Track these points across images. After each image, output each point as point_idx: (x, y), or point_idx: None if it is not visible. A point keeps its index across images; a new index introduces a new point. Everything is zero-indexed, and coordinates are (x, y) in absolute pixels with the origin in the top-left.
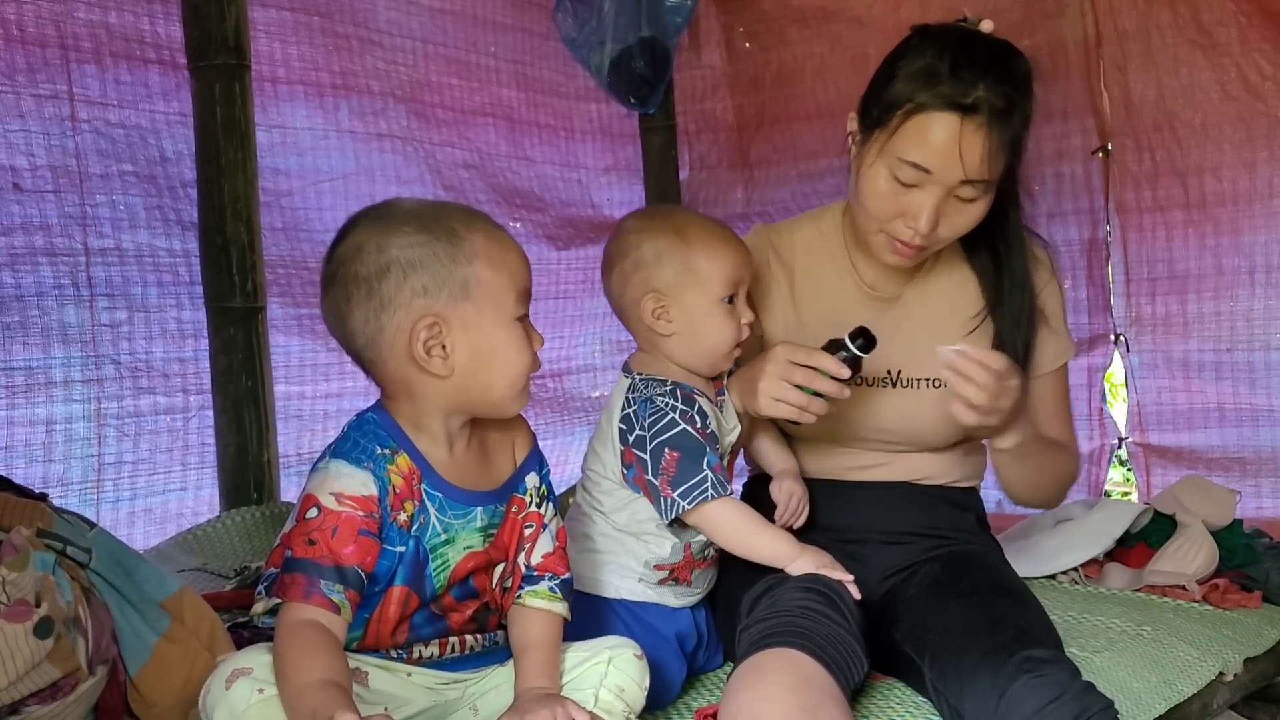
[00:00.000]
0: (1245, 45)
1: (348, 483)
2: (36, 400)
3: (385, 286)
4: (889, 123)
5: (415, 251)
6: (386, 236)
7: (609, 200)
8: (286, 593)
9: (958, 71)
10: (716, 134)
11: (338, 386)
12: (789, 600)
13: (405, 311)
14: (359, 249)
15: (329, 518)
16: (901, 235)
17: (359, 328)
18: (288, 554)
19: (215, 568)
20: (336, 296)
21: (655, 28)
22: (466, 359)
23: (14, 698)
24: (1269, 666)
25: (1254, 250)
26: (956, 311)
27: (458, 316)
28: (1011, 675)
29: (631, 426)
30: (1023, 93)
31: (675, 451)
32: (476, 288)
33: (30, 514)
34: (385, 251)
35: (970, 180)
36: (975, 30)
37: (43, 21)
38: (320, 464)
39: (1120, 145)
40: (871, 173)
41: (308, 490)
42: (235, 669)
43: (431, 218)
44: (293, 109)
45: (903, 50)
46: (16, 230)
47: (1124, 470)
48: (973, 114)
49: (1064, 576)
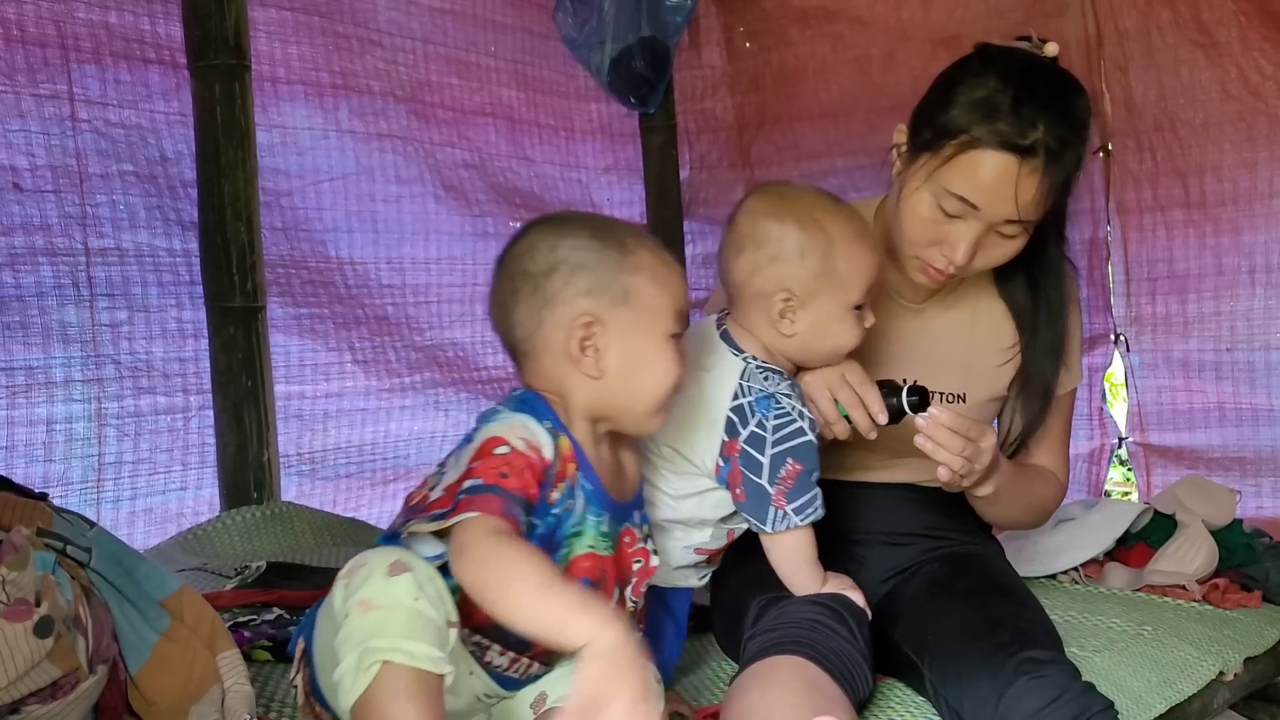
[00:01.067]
0: (1246, 45)
1: (534, 435)
2: (37, 400)
3: (551, 283)
4: (941, 150)
5: (584, 254)
6: (559, 237)
7: (609, 200)
8: (483, 506)
9: (1019, 108)
10: (717, 134)
11: (338, 386)
12: (798, 612)
13: (566, 308)
14: (532, 247)
15: (518, 457)
16: (936, 262)
17: (520, 320)
18: (474, 481)
19: (215, 567)
20: (504, 290)
21: (655, 27)
22: (618, 364)
23: (14, 697)
24: (1269, 666)
25: (1254, 250)
26: (976, 329)
27: (615, 321)
28: (1011, 676)
29: (746, 421)
30: (1079, 132)
31: (799, 464)
32: (637, 297)
33: (30, 513)
34: (556, 251)
35: (1017, 220)
36: (1039, 57)
37: (43, 21)
38: (499, 413)
39: (1121, 145)
40: (916, 198)
41: (490, 433)
42: (397, 560)
43: (605, 227)
44: (293, 109)
45: (962, 72)
46: (17, 230)
47: (1124, 470)
48: (1030, 156)
49: (1064, 576)
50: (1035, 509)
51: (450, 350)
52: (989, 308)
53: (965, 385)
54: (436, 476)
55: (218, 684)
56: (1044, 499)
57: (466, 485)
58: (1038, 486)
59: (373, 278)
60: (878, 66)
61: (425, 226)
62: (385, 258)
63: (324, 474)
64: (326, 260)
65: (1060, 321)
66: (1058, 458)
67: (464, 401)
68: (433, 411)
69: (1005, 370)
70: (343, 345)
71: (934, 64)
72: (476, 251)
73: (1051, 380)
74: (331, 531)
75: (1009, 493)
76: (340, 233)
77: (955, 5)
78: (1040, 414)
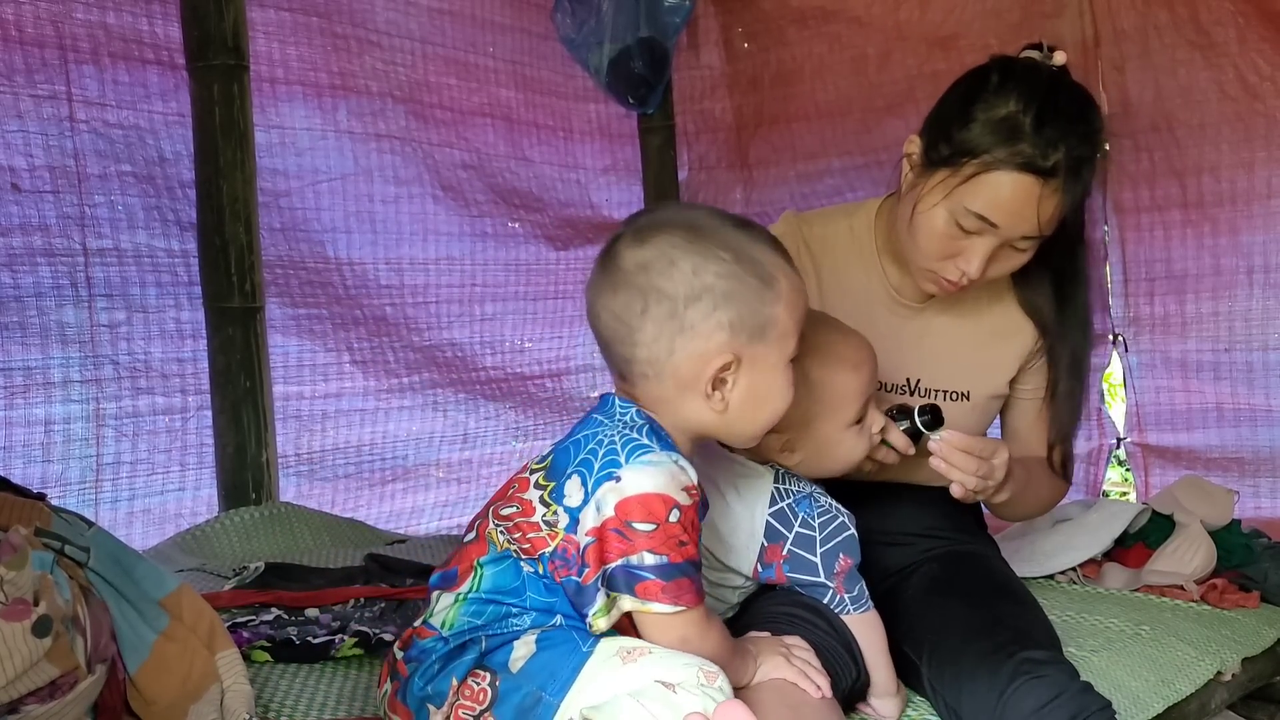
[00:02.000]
0: (1243, 46)
1: (688, 475)
2: (35, 401)
3: (692, 312)
4: (960, 168)
5: (731, 284)
6: (704, 260)
7: (608, 201)
8: (684, 598)
9: (1041, 130)
10: (715, 134)
11: (336, 387)
12: (773, 610)
13: (704, 342)
14: (671, 264)
15: (687, 514)
16: (949, 275)
17: (647, 341)
18: (659, 560)
19: (214, 568)
20: (630, 302)
21: (654, 28)
22: (743, 398)
23: (12, 696)
24: (1267, 666)
25: (1252, 250)
26: (979, 328)
27: (751, 356)
28: (1009, 676)
29: (789, 524)
30: (1098, 148)
31: (849, 559)
32: (773, 330)
33: (28, 513)
34: (700, 276)
35: (1035, 235)
36: (1058, 73)
37: (41, 22)
38: (644, 449)
39: (1118, 145)
40: (932, 214)
41: (653, 489)
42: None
43: (746, 248)
44: (291, 109)
45: (980, 87)
46: (15, 231)
47: (1122, 470)
48: (1052, 177)
49: (1062, 576)
50: (1044, 500)
51: (449, 351)
52: (997, 307)
53: (968, 383)
54: (549, 507)
55: (217, 683)
56: (1053, 490)
57: (650, 563)
58: (1044, 481)
59: (371, 278)
60: (874, 67)
61: (424, 227)
62: (384, 258)
63: (322, 474)
64: (325, 261)
65: (1087, 324)
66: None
67: (462, 402)
68: (431, 412)
69: (1010, 368)
70: (341, 346)
71: (930, 64)
72: (475, 252)
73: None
74: (330, 532)
75: (1022, 495)
76: (339, 233)
77: (952, 6)
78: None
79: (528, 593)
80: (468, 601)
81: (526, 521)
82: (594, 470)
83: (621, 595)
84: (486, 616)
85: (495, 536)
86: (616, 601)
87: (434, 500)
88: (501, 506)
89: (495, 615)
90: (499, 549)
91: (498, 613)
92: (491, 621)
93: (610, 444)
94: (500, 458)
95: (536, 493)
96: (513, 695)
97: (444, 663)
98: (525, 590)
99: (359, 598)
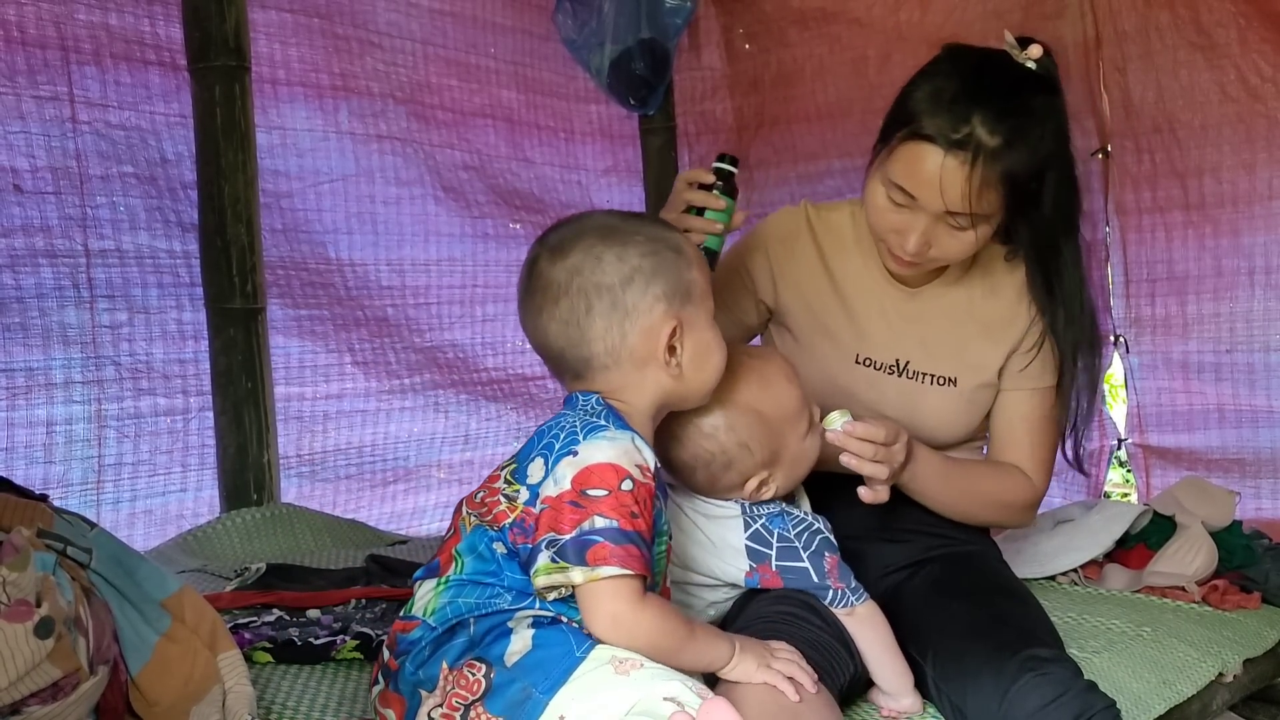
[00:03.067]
0: (1245, 47)
1: (643, 454)
2: (37, 402)
3: (630, 294)
4: (890, 141)
5: (652, 260)
6: (624, 246)
7: (608, 202)
8: (626, 562)
9: (955, 104)
10: (716, 135)
11: (337, 388)
12: (768, 608)
13: (648, 317)
14: (598, 259)
15: (641, 489)
16: (895, 249)
17: (600, 335)
18: (608, 523)
19: (215, 569)
20: (573, 306)
21: (655, 29)
22: (690, 358)
23: (14, 698)
24: (1268, 667)
25: (1253, 251)
26: (972, 319)
27: (686, 318)
28: (1014, 674)
29: (769, 543)
30: (1029, 127)
31: (833, 555)
32: (696, 290)
33: (31, 514)
34: (626, 260)
35: (954, 212)
36: (1002, 56)
37: (43, 23)
38: (603, 433)
39: (1120, 147)
40: (871, 186)
41: (605, 457)
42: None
43: (648, 227)
44: (292, 110)
45: (929, 67)
46: (17, 232)
47: (1123, 471)
48: (957, 150)
49: (1063, 578)
50: (992, 503)
51: (450, 352)
52: (993, 300)
53: (956, 370)
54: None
55: (219, 685)
56: (999, 492)
57: (600, 525)
58: (987, 480)
59: (372, 279)
60: (874, 68)
61: (425, 228)
62: (385, 259)
63: (324, 475)
64: (326, 262)
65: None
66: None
67: (464, 403)
68: (432, 413)
69: (997, 359)
70: (342, 347)
71: None
72: (476, 253)
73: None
74: (331, 533)
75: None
76: (340, 234)
77: (953, 7)
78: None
79: (504, 572)
80: (449, 585)
81: (492, 500)
82: (554, 451)
83: (572, 567)
84: (467, 595)
85: (467, 520)
86: (566, 572)
87: (435, 501)
88: (474, 495)
89: (477, 596)
90: (468, 529)
91: (479, 594)
92: (474, 605)
93: (571, 427)
94: (501, 458)
95: (502, 475)
96: (505, 689)
97: (434, 648)
98: (502, 570)
99: (360, 599)
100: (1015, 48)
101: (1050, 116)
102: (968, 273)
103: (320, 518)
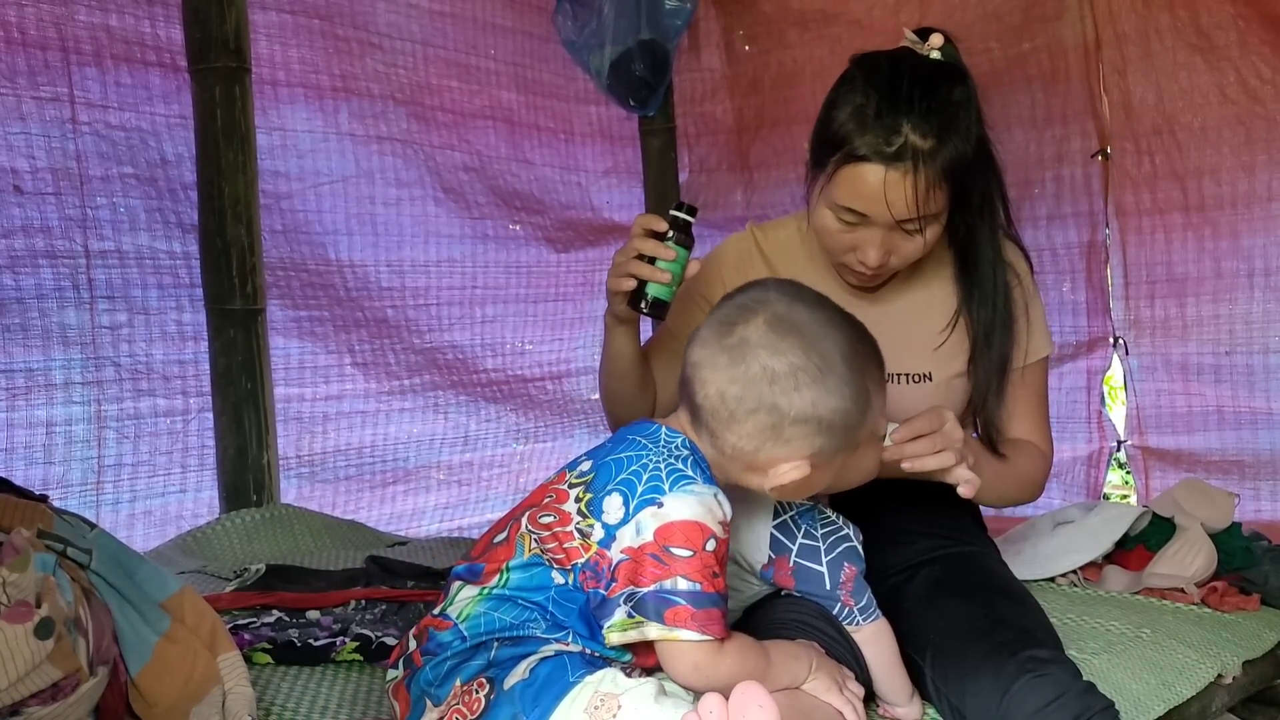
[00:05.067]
0: (1244, 49)
1: (724, 510)
2: (37, 402)
3: (793, 431)
4: (827, 167)
5: (837, 419)
6: (825, 396)
7: (608, 203)
8: (709, 628)
9: (881, 117)
10: (716, 137)
11: (337, 389)
12: (783, 617)
13: (790, 452)
14: (796, 389)
15: (722, 546)
16: (856, 267)
17: (742, 434)
18: (692, 587)
19: (215, 570)
20: (743, 398)
21: (655, 30)
22: (788, 486)
23: (15, 698)
24: (1267, 669)
25: (1253, 253)
26: (933, 310)
27: (816, 465)
28: (1013, 675)
29: (793, 535)
30: (956, 119)
31: (853, 567)
32: (850, 446)
33: (31, 515)
34: (817, 409)
35: (906, 220)
36: (909, 57)
37: (44, 24)
38: (690, 486)
39: (1119, 148)
40: (819, 213)
41: (693, 517)
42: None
43: (858, 372)
44: (293, 111)
45: (842, 84)
46: (17, 232)
47: (1123, 473)
48: (896, 163)
49: (1063, 579)
50: (1024, 482)
51: (450, 353)
52: (942, 288)
53: (929, 365)
54: (585, 517)
55: (218, 685)
56: (1028, 470)
57: (683, 588)
58: (1018, 460)
59: (372, 280)
60: None
61: (425, 229)
62: (385, 260)
63: (323, 476)
64: (326, 263)
65: (998, 299)
66: (1036, 427)
67: (463, 404)
68: (432, 414)
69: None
70: (342, 348)
71: None
72: (476, 254)
73: (1005, 352)
74: (331, 534)
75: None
76: (340, 235)
77: (953, 9)
78: (999, 388)
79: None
80: (489, 597)
81: (563, 530)
82: (636, 492)
83: (649, 622)
84: (504, 613)
85: (527, 541)
86: (641, 627)
87: (435, 502)
88: (540, 514)
89: (513, 617)
90: (527, 554)
91: (515, 614)
92: (508, 625)
93: (655, 469)
94: (501, 460)
95: (575, 504)
96: (499, 712)
97: (456, 661)
98: (550, 600)
99: (360, 600)
100: (918, 42)
101: (968, 102)
102: (919, 267)
103: (320, 519)
